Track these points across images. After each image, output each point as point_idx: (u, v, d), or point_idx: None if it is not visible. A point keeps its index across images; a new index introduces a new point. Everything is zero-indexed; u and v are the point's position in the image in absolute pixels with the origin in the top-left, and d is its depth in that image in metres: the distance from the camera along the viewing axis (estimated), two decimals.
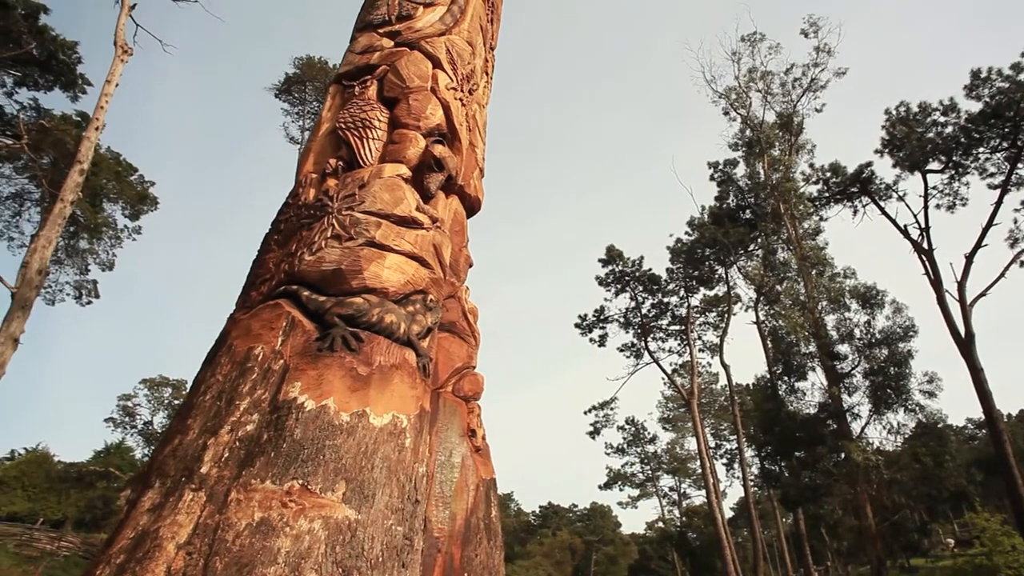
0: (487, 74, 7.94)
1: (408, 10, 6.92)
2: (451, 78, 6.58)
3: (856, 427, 31.40)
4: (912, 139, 32.51)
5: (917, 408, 31.22)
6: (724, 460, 53.70)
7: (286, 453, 4.01)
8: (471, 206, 7.15)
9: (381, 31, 6.88)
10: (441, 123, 6.32)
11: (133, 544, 3.94)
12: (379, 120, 6.16)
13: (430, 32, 6.70)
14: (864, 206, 35.93)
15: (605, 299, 43.24)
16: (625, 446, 58.42)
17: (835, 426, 31.48)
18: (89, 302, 39.54)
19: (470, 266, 7.09)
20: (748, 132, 38.84)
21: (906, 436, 32.16)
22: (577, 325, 43.86)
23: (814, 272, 34.15)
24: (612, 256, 42.12)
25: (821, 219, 36.96)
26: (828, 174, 36.12)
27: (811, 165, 38.26)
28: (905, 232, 33.92)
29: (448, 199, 6.71)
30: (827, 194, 36.24)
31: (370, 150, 6.00)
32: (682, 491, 66.08)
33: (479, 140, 7.36)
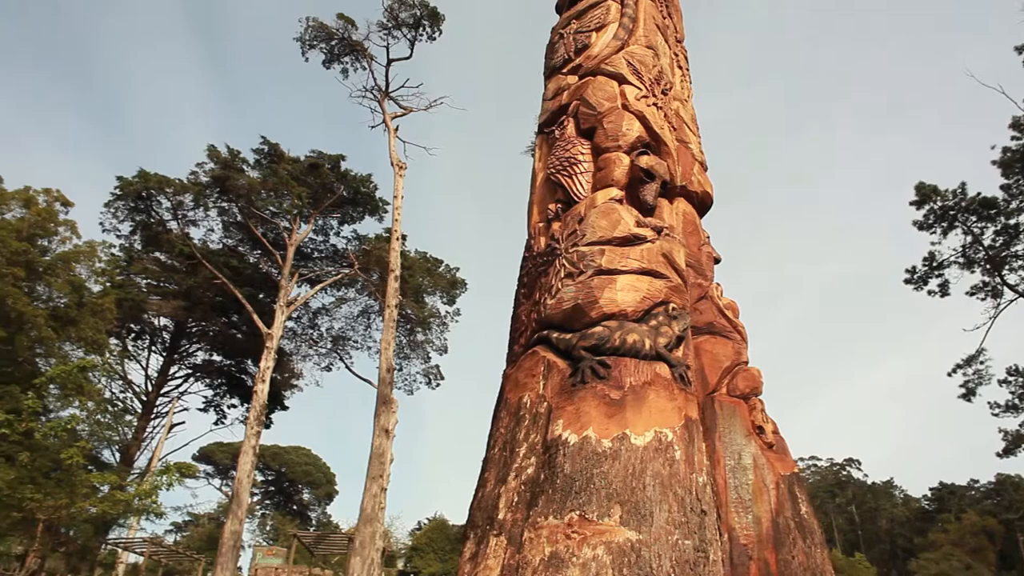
0: (680, 68, 7.73)
1: (583, 41, 7.10)
2: (639, 87, 6.55)
3: None
4: None
5: None
6: None
7: (560, 488, 4.26)
8: (701, 202, 6.95)
9: (564, 71, 7.15)
10: (641, 134, 6.30)
11: None
12: (582, 154, 6.36)
13: (607, 53, 6.78)
14: None
15: (932, 243, 37.37)
16: (1017, 401, 48.83)
17: None
18: (437, 384, 45.21)
19: (717, 262, 6.83)
20: None
21: None
22: (907, 280, 38.37)
23: None
24: (925, 194, 36.45)
25: None
26: None
27: None
28: None
29: (673, 203, 6.62)
30: None
31: (581, 184, 6.21)
32: None
33: (690, 135, 7.17)
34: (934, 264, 37.05)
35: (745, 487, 5.09)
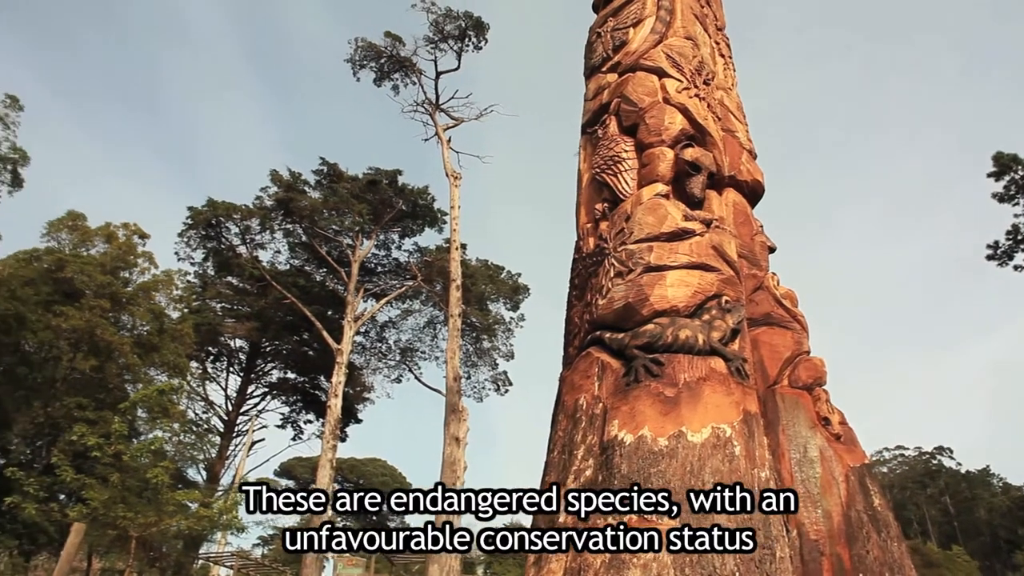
0: (723, 56, 7.57)
1: (620, 38, 7.05)
2: (680, 79, 6.45)
3: None
4: None
5: None
6: None
7: (618, 489, 4.22)
8: (752, 191, 6.78)
9: (604, 69, 7.11)
10: (684, 127, 6.20)
11: None
12: (626, 151, 6.31)
13: (645, 48, 6.71)
14: None
15: (1015, 215, 35.40)
16: None
17: None
18: (506, 390, 45.30)
19: (772, 251, 6.65)
20: None
21: None
22: (990, 256, 36.45)
23: None
24: (1004, 163, 34.56)
25: None
26: None
27: None
28: None
29: (723, 194, 6.48)
30: None
31: (626, 182, 6.16)
32: None
33: (736, 124, 7.01)
34: (1018, 237, 35.03)
35: (812, 481, 4.93)
